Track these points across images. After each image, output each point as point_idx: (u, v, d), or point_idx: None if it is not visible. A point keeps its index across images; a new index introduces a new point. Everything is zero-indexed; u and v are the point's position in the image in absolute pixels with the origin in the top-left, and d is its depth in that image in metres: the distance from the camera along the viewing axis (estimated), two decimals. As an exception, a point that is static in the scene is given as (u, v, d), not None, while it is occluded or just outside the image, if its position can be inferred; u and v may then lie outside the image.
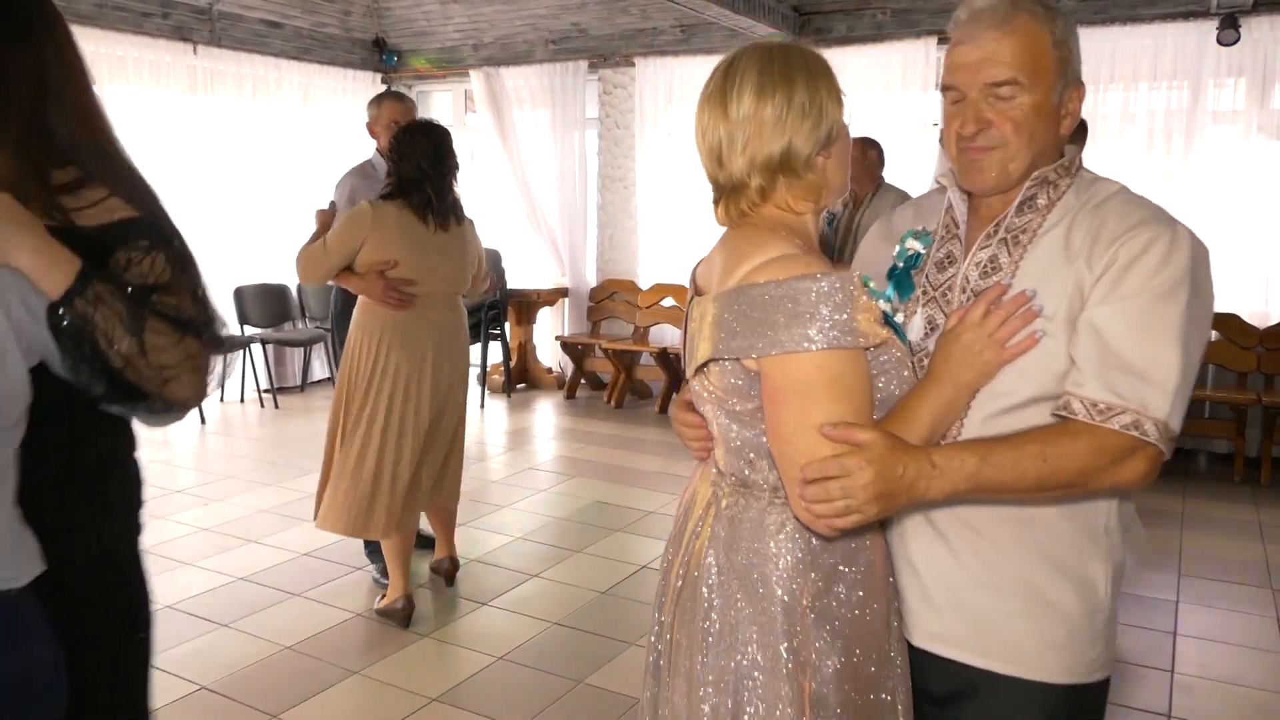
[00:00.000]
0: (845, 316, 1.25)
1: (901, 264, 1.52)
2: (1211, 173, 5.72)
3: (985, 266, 1.41)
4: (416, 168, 3.44)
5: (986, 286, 1.38)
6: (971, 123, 1.37)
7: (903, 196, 4.97)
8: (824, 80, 1.37)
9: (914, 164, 6.45)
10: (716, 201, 1.43)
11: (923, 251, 1.51)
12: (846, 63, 6.56)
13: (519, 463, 5.89)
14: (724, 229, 1.45)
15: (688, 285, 1.55)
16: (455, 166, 3.55)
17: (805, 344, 1.25)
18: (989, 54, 1.35)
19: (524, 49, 7.90)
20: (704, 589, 1.43)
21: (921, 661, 1.44)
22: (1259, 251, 5.69)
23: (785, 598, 1.35)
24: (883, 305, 1.36)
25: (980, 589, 1.39)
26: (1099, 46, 5.82)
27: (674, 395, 7.08)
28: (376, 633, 3.51)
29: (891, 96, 6.52)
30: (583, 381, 7.80)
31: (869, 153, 5.12)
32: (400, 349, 3.51)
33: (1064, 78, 1.37)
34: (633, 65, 7.44)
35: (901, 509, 1.30)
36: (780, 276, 1.28)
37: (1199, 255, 1.30)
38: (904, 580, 1.45)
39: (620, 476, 5.54)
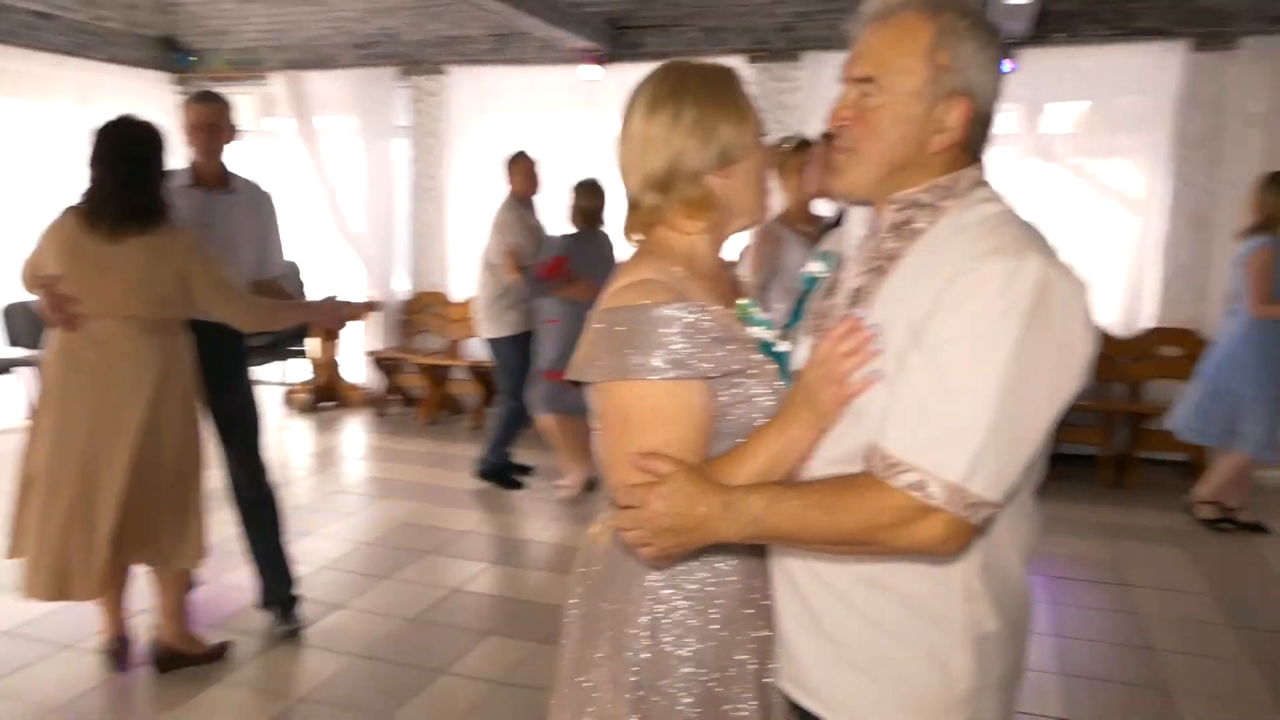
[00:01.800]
0: (680, 346, 1.25)
1: (805, 286, 1.46)
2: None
3: (854, 295, 1.29)
4: (96, 171, 2.95)
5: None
6: (834, 119, 1.29)
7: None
8: (723, 99, 1.35)
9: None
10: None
11: (819, 275, 1.43)
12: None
13: (325, 486, 5.59)
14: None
15: None
16: (143, 170, 2.94)
17: (628, 372, 1.26)
18: (861, 48, 1.26)
19: (330, 53, 7.57)
20: (570, 612, 1.48)
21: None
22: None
23: (633, 618, 1.36)
24: (760, 332, 1.34)
25: (830, 642, 1.29)
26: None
27: (486, 409, 6.97)
28: (163, 681, 3.20)
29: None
30: (394, 398, 7.53)
31: None
32: (62, 381, 2.94)
33: (938, 85, 1.21)
34: (445, 73, 7.26)
35: (696, 545, 1.25)
36: (629, 302, 1.29)
37: (1053, 293, 1.11)
38: (775, 623, 1.39)
39: (432, 496, 5.35)
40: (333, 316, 3.59)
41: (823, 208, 4.01)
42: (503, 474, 5.45)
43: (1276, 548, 4.67)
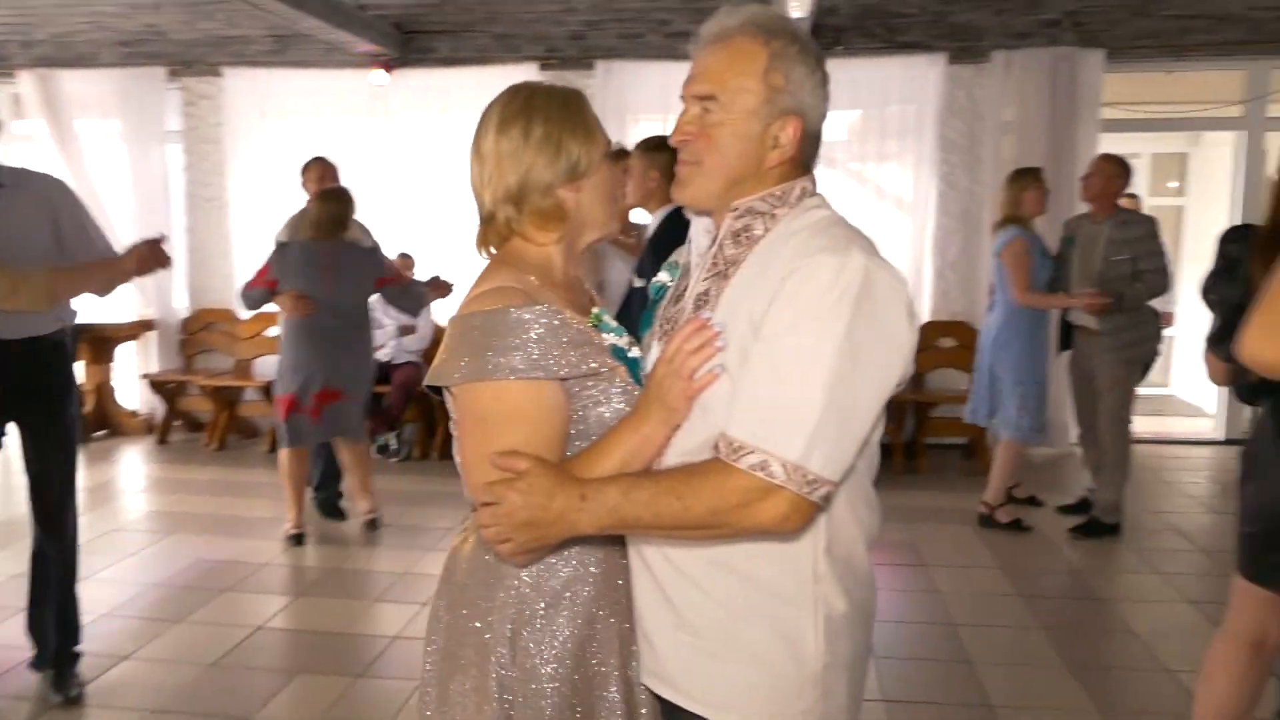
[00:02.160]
0: (536, 348, 1.30)
1: (652, 296, 1.52)
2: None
3: (699, 300, 1.37)
4: None
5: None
6: (677, 133, 1.37)
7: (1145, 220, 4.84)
8: (571, 116, 1.43)
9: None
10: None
11: (669, 283, 1.50)
12: (450, 84, 6.53)
13: (101, 524, 5.11)
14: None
15: None
16: None
17: (487, 374, 1.30)
18: (701, 68, 1.35)
19: (87, 50, 6.96)
20: (432, 622, 1.50)
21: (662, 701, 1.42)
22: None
23: (497, 622, 1.40)
24: (612, 339, 1.42)
25: (686, 631, 1.34)
26: (669, 80, 6.27)
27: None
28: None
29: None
30: (178, 423, 7.01)
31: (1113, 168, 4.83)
32: None
33: (773, 103, 1.31)
34: (220, 75, 6.82)
35: (555, 539, 1.29)
36: (485, 307, 1.34)
37: (877, 286, 1.21)
38: (635, 618, 1.43)
39: (227, 528, 5.00)
40: (141, 263, 3.14)
41: (643, 217, 4.04)
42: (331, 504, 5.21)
43: (1052, 519, 5.12)
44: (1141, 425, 6.97)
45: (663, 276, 1.52)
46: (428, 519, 5.14)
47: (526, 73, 6.43)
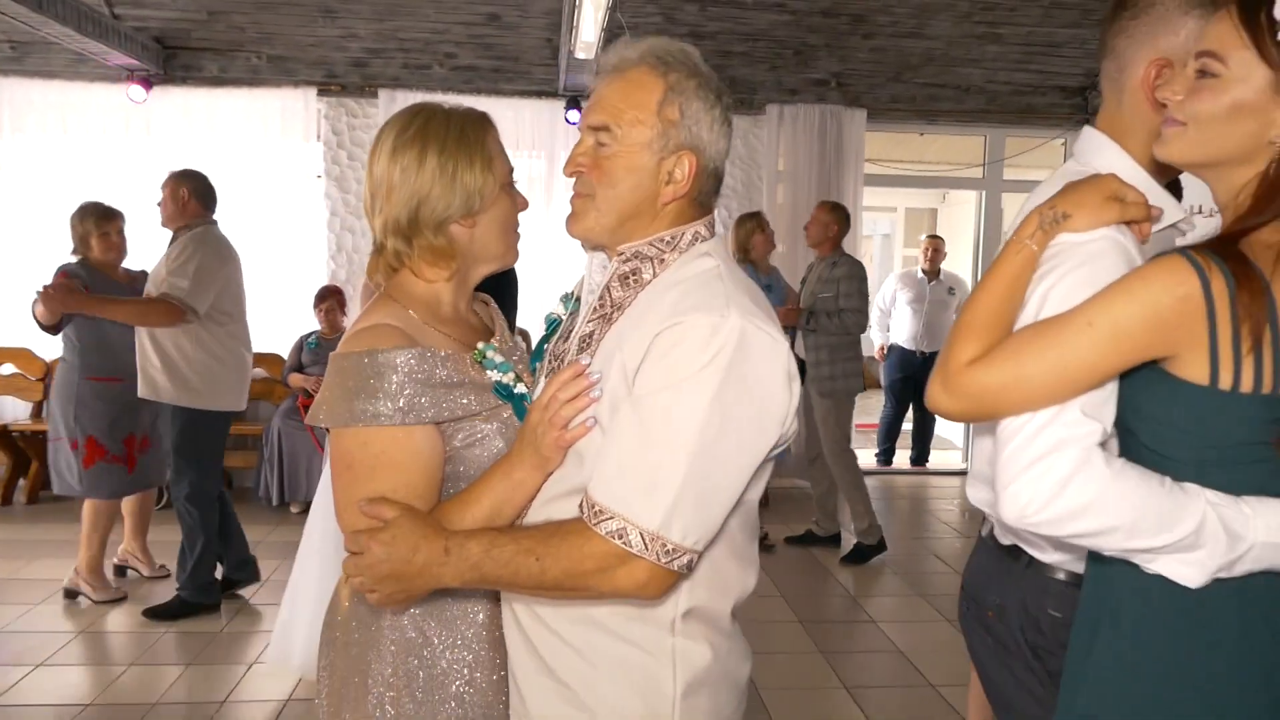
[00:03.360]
0: (404, 392, 1.26)
1: (545, 329, 1.49)
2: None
3: (583, 342, 1.32)
4: None
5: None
6: (570, 164, 1.32)
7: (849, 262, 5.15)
8: (468, 145, 1.35)
9: (301, 216, 6.24)
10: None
11: (562, 316, 1.46)
12: (220, 105, 6.16)
13: None
14: None
15: None
16: None
17: (354, 419, 1.26)
18: (597, 98, 1.30)
19: None
20: (320, 674, 1.46)
21: None
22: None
23: (379, 680, 1.36)
24: (496, 376, 1.36)
25: (551, 678, 1.29)
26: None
27: (20, 481, 5.90)
28: None
29: (273, 145, 6.22)
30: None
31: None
32: None
33: (668, 138, 1.26)
34: (-56, 81, 6.09)
35: (421, 591, 1.26)
36: (355, 349, 1.29)
37: (752, 349, 1.17)
38: (509, 664, 1.38)
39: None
40: None
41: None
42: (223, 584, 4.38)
43: (827, 549, 5.34)
44: (901, 458, 7.51)
45: (557, 309, 1.48)
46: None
47: (303, 98, 6.16)
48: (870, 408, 10.08)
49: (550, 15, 5.97)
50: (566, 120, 6.28)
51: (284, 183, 6.24)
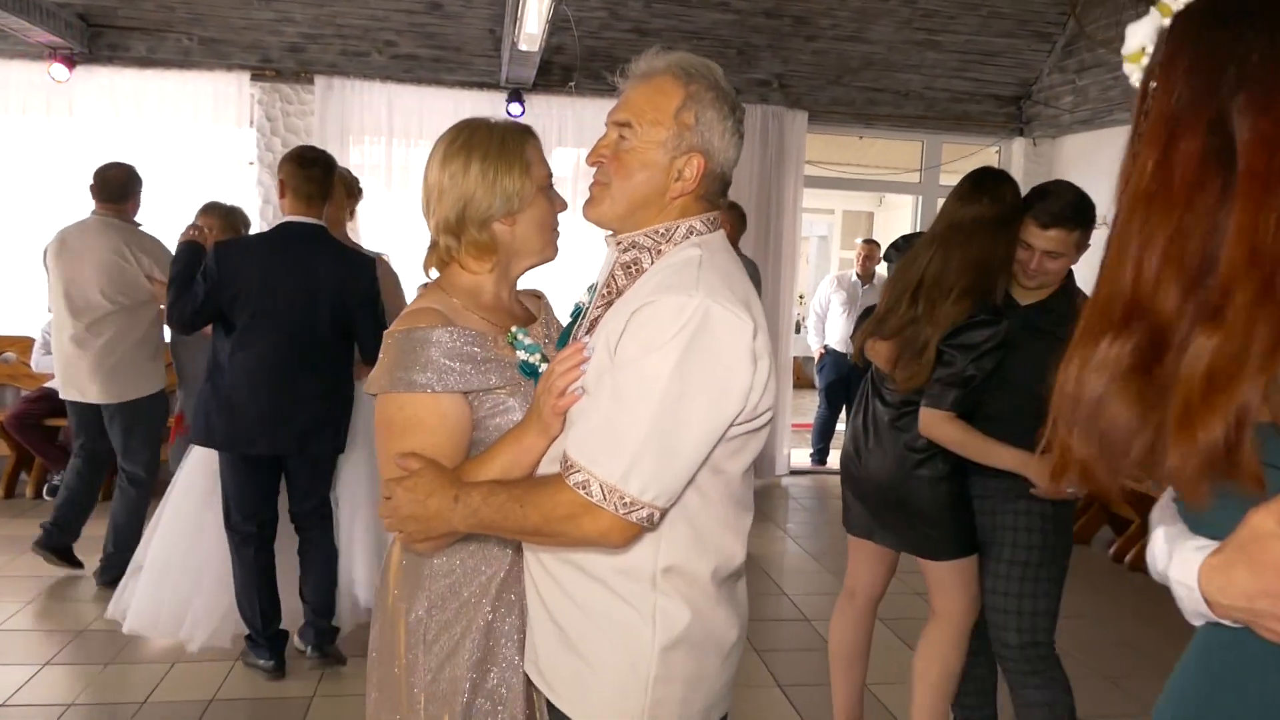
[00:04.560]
0: (438, 364, 1.47)
1: (572, 316, 1.63)
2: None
3: (591, 326, 1.48)
4: None
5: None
6: (593, 155, 1.48)
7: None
8: (508, 154, 1.56)
9: (235, 202, 6.05)
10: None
11: (585, 305, 1.60)
12: (148, 87, 5.97)
13: None
14: None
15: None
16: None
17: (394, 386, 1.49)
18: (625, 99, 1.47)
19: None
20: (373, 626, 1.70)
21: None
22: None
23: (396, 608, 1.60)
24: (524, 356, 1.56)
25: (553, 624, 1.44)
26: (408, 102, 6.13)
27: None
28: None
29: (203, 129, 6.05)
30: None
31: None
32: None
33: (681, 139, 1.42)
34: None
35: (440, 532, 1.44)
36: (401, 328, 1.52)
37: (715, 325, 1.29)
38: (526, 611, 1.55)
39: None
40: None
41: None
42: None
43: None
44: (834, 459, 7.58)
45: (583, 298, 1.62)
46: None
47: (237, 81, 6.01)
48: (804, 408, 10.20)
49: (494, 6, 5.90)
50: (508, 113, 6.20)
51: (214, 169, 6.07)
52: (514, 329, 1.60)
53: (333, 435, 3.35)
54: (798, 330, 8.21)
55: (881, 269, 7.61)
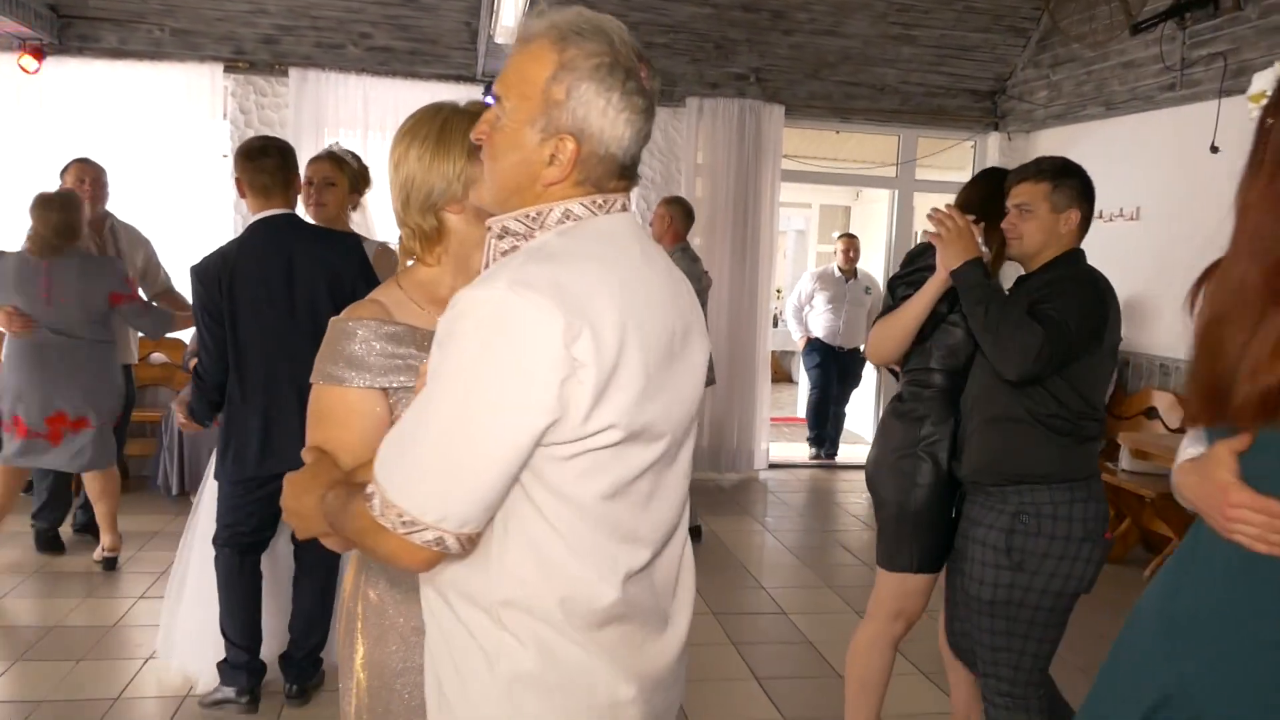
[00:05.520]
0: (352, 359, 1.45)
1: None
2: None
3: None
4: None
5: None
6: (474, 131, 1.28)
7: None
8: (448, 137, 1.48)
9: (208, 195, 6.01)
10: None
11: None
12: (119, 78, 5.89)
13: None
14: None
15: None
16: None
17: (316, 376, 1.49)
18: (504, 68, 1.26)
19: None
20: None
21: None
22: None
23: (348, 596, 1.65)
24: None
25: (427, 640, 1.34)
26: (384, 95, 6.10)
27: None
28: None
29: (177, 121, 5.98)
30: None
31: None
32: None
33: (549, 119, 1.17)
34: None
35: (317, 530, 1.36)
36: (340, 318, 1.50)
37: (510, 322, 1.08)
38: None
39: None
40: None
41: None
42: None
43: (740, 540, 5.39)
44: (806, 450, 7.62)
45: None
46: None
47: (210, 73, 5.94)
48: (782, 401, 10.23)
49: (469, -1, 5.87)
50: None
51: (187, 161, 6.00)
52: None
53: None
54: (775, 324, 8.24)
55: (862, 264, 7.65)
